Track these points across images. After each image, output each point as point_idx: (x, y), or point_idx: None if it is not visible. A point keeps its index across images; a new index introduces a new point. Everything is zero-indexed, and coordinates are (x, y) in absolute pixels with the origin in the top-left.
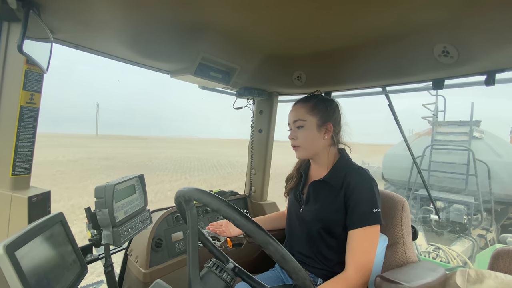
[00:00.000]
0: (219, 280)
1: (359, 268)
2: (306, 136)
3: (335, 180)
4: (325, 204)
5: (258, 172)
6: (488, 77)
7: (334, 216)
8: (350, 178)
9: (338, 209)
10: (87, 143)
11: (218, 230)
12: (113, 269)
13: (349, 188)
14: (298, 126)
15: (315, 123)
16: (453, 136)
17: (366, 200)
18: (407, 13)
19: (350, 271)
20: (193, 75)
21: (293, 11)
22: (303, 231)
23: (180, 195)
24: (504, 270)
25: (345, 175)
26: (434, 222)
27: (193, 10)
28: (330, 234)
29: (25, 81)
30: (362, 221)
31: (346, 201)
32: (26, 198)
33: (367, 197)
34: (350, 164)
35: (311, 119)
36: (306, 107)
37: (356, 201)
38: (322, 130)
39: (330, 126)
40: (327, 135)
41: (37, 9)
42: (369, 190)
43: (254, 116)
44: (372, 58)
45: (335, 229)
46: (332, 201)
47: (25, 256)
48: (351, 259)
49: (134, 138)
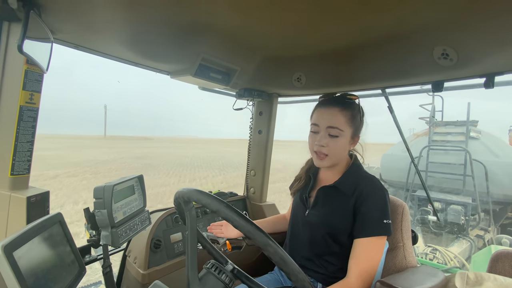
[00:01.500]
0: (218, 281)
1: (362, 277)
2: (338, 147)
3: (347, 186)
4: (333, 209)
5: (258, 173)
6: (487, 79)
7: (342, 222)
8: (364, 186)
9: (347, 216)
10: (101, 144)
11: (217, 230)
12: (111, 270)
13: (361, 196)
14: (332, 134)
15: (349, 135)
16: (450, 137)
17: (377, 210)
18: (407, 15)
19: (352, 279)
20: (193, 76)
21: (293, 13)
22: (307, 234)
23: (180, 196)
24: (503, 272)
25: (357, 183)
26: (432, 223)
27: (193, 11)
28: (335, 240)
29: (25, 81)
30: (371, 231)
31: (356, 209)
32: (24, 198)
33: (379, 207)
34: (363, 172)
35: (348, 130)
36: (346, 116)
37: (368, 210)
38: (351, 142)
39: (358, 138)
40: (353, 146)
41: (38, 9)
42: (382, 200)
43: (254, 117)
44: (372, 60)
45: (340, 235)
46: (341, 207)
47: (23, 256)
48: (354, 267)
49: (142, 139)
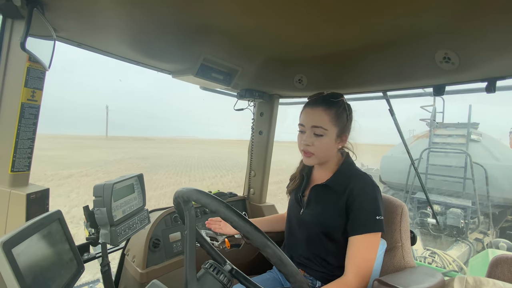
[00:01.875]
0: (216, 281)
1: (359, 274)
2: (323, 145)
3: (338, 184)
4: (326, 208)
5: (258, 174)
6: (489, 84)
7: (335, 220)
8: (354, 184)
9: (339, 214)
10: (103, 144)
11: (215, 226)
12: (109, 268)
13: (352, 194)
14: (316, 133)
15: (335, 134)
16: (450, 139)
17: (369, 207)
18: (409, 19)
19: (350, 277)
20: (194, 75)
21: (296, 15)
22: (303, 233)
23: (179, 196)
24: (503, 277)
25: (349, 181)
26: (431, 226)
27: (196, 11)
28: (330, 238)
29: (27, 78)
30: (364, 228)
31: (348, 207)
32: (24, 195)
33: (370, 204)
34: (354, 169)
35: (332, 129)
36: (329, 115)
37: (359, 208)
38: (338, 140)
39: (346, 136)
40: (341, 144)
41: (41, 7)
42: (373, 197)
43: (255, 118)
44: (374, 63)
45: (334, 233)
46: (334, 205)
47: (22, 253)
48: (351, 265)
49: (143, 139)
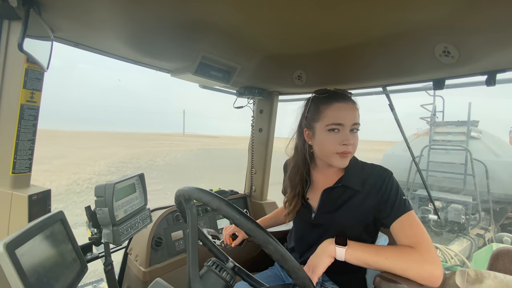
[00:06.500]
0: (219, 279)
1: (423, 245)
2: (357, 143)
3: (354, 182)
4: (343, 208)
5: (258, 171)
6: (489, 77)
7: (353, 219)
8: (371, 176)
9: (359, 212)
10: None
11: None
12: (113, 267)
13: (374, 186)
14: (354, 130)
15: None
16: (451, 136)
17: (394, 191)
18: (408, 13)
19: (418, 248)
20: (193, 74)
21: (294, 11)
22: (317, 237)
23: (180, 194)
24: (504, 270)
25: (363, 175)
26: (432, 222)
27: (194, 9)
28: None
29: (26, 80)
30: (399, 211)
31: (373, 200)
32: (26, 196)
33: (394, 189)
34: (359, 161)
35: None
36: (357, 109)
37: (387, 197)
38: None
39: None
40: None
41: (38, 7)
42: (393, 181)
43: (255, 115)
44: (373, 58)
45: (351, 231)
46: (352, 204)
47: (25, 254)
48: (411, 242)
49: (210, 137)
